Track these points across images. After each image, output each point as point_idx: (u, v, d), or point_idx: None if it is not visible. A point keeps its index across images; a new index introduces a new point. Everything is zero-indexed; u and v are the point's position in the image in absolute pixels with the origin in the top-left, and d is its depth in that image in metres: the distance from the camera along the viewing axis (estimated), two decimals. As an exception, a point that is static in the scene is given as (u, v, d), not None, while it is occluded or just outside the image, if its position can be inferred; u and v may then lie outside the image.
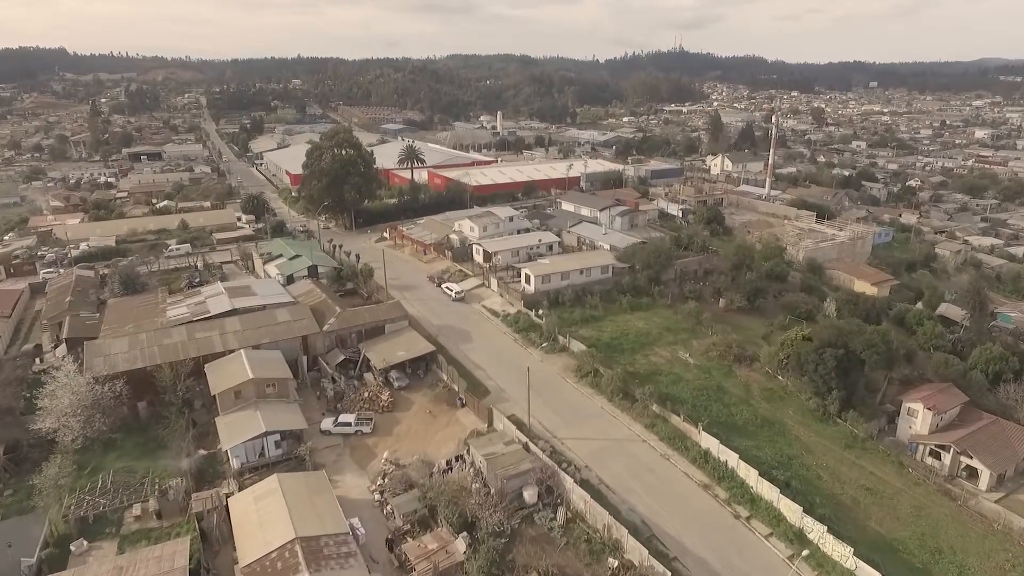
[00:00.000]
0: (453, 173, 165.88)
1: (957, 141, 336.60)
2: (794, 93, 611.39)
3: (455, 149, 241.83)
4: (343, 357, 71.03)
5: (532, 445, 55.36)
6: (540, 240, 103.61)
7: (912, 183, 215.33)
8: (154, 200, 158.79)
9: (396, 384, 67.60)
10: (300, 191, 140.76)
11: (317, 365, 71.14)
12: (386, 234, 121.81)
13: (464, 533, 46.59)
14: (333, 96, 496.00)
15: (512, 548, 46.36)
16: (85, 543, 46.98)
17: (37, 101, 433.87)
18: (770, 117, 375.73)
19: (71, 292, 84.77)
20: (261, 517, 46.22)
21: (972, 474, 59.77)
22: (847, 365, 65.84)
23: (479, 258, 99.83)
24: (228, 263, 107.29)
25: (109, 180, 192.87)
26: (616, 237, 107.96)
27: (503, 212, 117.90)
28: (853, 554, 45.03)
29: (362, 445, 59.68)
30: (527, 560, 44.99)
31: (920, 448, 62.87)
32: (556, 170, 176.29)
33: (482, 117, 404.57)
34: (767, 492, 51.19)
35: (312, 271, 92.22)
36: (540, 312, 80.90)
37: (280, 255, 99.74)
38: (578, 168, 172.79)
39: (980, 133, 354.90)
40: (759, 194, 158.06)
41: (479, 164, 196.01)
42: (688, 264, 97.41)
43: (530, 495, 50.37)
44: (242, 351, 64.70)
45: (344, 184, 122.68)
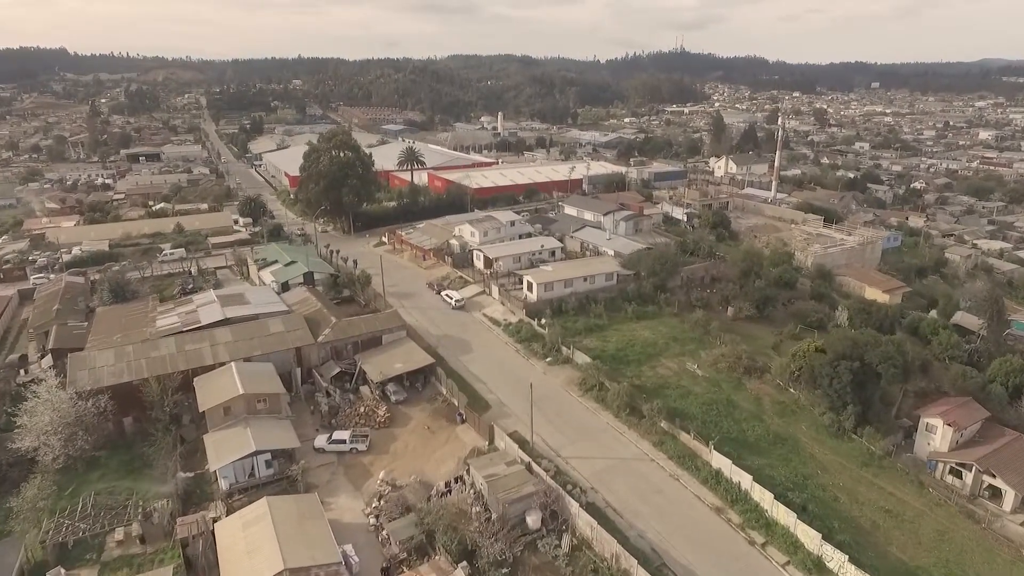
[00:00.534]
0: (453, 175, 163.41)
1: (961, 142, 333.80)
2: (796, 94, 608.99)
3: (456, 150, 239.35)
4: (338, 369, 68.36)
5: (535, 466, 52.78)
6: (542, 246, 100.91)
7: (917, 185, 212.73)
8: (151, 202, 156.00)
9: (393, 398, 64.99)
10: (298, 194, 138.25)
11: (311, 378, 68.56)
12: (385, 238, 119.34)
13: (463, 563, 43.97)
14: (333, 97, 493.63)
15: (515, 579, 43.71)
16: (63, 571, 44.36)
17: (37, 101, 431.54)
18: (773, 118, 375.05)
19: (59, 300, 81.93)
20: (249, 545, 43.77)
21: (995, 494, 56.98)
22: (863, 379, 63.02)
23: (480, 264, 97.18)
24: (223, 268, 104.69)
25: (107, 181, 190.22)
26: (620, 242, 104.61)
27: (504, 216, 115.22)
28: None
29: (357, 463, 57.10)
30: (531, 592, 42.47)
31: (939, 466, 60.21)
32: (558, 172, 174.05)
33: (483, 118, 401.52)
34: (783, 516, 48.59)
35: (308, 278, 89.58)
36: (543, 321, 78.31)
37: (275, 261, 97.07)
38: (580, 170, 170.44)
39: (984, 134, 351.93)
40: (764, 197, 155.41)
41: (480, 166, 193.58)
42: (695, 271, 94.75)
43: (533, 520, 47.76)
44: (232, 364, 62.16)
45: (342, 187, 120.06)
